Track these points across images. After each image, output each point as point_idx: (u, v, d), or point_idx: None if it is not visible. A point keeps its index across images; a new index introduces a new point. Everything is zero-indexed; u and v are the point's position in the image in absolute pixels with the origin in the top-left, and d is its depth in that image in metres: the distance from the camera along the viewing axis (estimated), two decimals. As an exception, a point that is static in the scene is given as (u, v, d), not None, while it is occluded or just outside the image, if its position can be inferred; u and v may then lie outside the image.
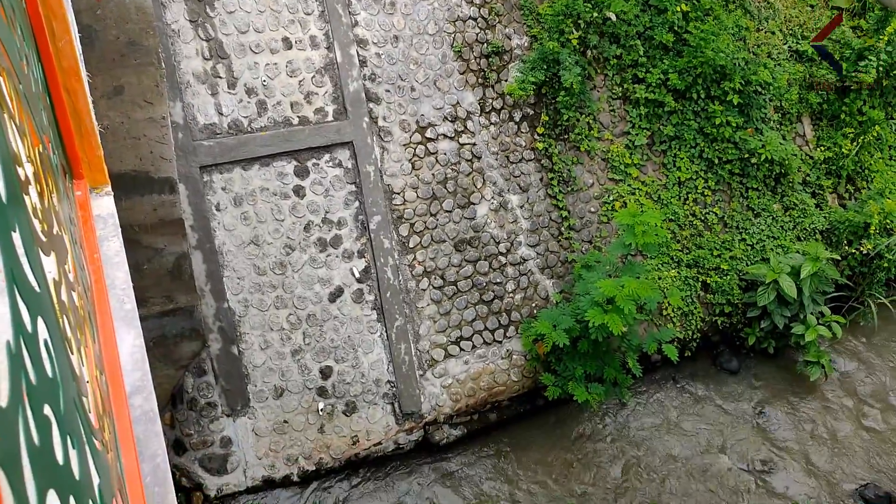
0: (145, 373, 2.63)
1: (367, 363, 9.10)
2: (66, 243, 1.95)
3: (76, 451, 1.37)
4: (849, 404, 10.17)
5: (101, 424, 1.92)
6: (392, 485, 9.00)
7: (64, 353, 1.48)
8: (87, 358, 1.85)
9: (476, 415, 9.77)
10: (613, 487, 9.08)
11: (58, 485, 1.14)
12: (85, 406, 1.65)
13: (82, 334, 1.89)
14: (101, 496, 1.61)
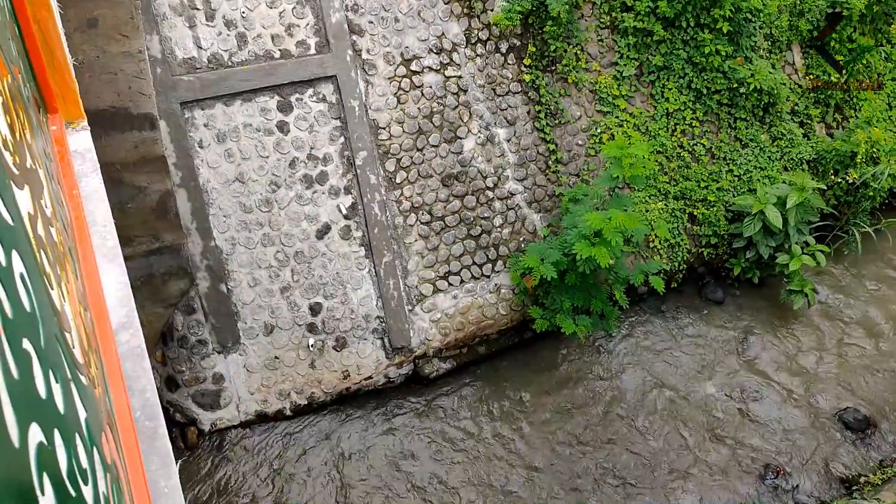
0: (131, 309, 2.62)
1: (356, 299, 9.14)
2: (41, 177, 1.91)
3: (60, 386, 1.36)
4: (831, 332, 10.36)
5: (87, 360, 1.92)
6: (383, 417, 9.16)
7: (43, 287, 1.46)
8: (68, 294, 1.84)
9: (465, 348, 9.89)
10: (600, 415, 9.28)
11: (40, 418, 1.14)
12: (68, 341, 1.64)
13: (63, 270, 1.86)
14: (89, 430, 1.61)
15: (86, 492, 1.38)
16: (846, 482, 8.51)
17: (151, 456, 2.37)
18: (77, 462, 1.36)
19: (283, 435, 8.79)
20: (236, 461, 8.49)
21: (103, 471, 1.66)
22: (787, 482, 8.54)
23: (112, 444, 1.94)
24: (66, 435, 1.30)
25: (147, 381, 2.50)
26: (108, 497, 1.63)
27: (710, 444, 8.96)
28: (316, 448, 8.72)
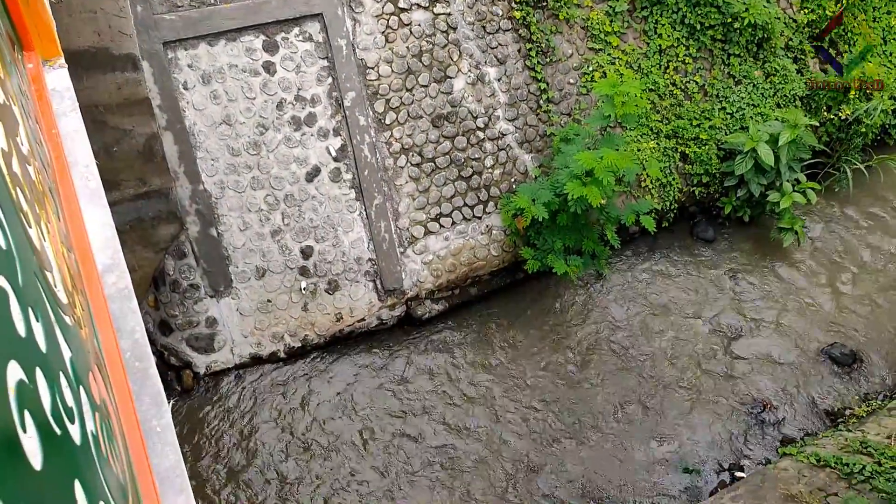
0: (116, 251, 2.59)
1: (348, 242, 9.12)
2: (15, 115, 1.86)
3: (41, 325, 1.34)
4: (820, 268, 10.44)
5: (72, 301, 1.90)
6: (377, 358, 9.25)
7: (19, 225, 1.43)
8: (49, 233, 1.81)
9: (457, 289, 9.93)
10: (591, 353, 9.39)
11: (20, 356, 1.12)
12: (49, 280, 1.62)
13: (42, 209, 1.83)
14: (75, 370, 1.60)
15: (72, 430, 1.37)
16: (832, 415, 8.69)
17: (143, 396, 2.38)
18: (62, 401, 1.35)
19: (277, 376, 8.88)
20: (232, 402, 8.60)
21: (91, 410, 1.66)
22: (774, 415, 8.71)
23: (101, 384, 1.94)
24: (49, 374, 1.29)
25: (136, 323, 2.49)
26: (96, 435, 1.63)
27: (699, 379, 9.10)
28: (310, 388, 8.82)
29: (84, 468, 1.40)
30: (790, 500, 7.19)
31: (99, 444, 1.63)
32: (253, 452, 8.21)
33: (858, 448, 7.50)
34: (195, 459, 8.07)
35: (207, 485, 7.92)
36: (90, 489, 1.38)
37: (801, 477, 7.47)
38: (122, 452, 2.01)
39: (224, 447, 8.23)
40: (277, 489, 7.94)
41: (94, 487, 1.43)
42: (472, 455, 8.38)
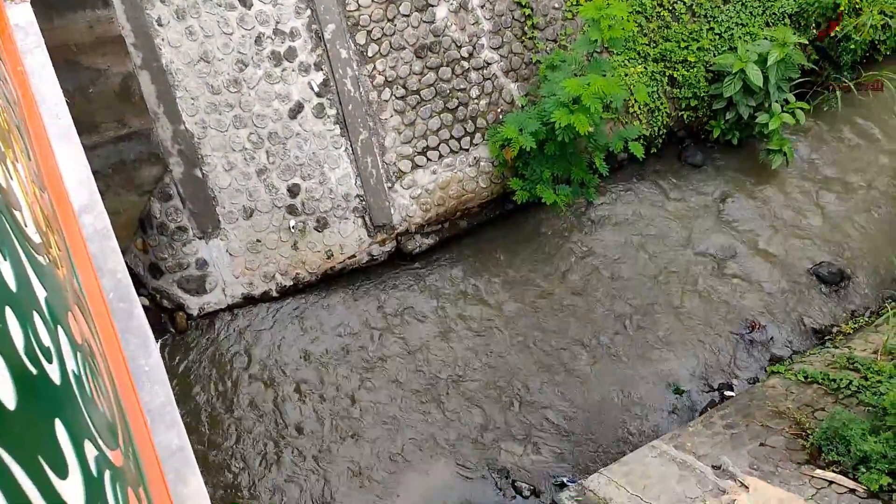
0: (93, 192, 2.53)
1: (335, 179, 9.03)
2: (-29, 51, 1.78)
3: (9, 263, 1.31)
4: (808, 189, 10.43)
5: (46, 240, 1.86)
6: (369, 293, 9.29)
7: (-20, 162, 1.38)
8: (16, 172, 1.75)
9: (447, 223, 9.91)
10: (583, 280, 9.46)
11: (-13, 293, 1.09)
12: (18, 219, 1.58)
13: (8, 147, 1.77)
14: (51, 310, 1.58)
15: (50, 369, 1.36)
16: (819, 333, 8.83)
17: (128, 336, 2.37)
18: (37, 340, 1.33)
19: (270, 315, 8.92)
20: (226, 342, 8.65)
21: (72, 349, 1.65)
22: (763, 335, 8.85)
23: (82, 324, 1.92)
24: (21, 313, 1.27)
25: (117, 262, 2.46)
26: (79, 375, 1.62)
27: (689, 302, 9.20)
28: (303, 325, 8.88)
29: (65, 407, 1.39)
30: (778, 416, 7.36)
31: (82, 384, 1.62)
32: (247, 389, 8.31)
33: (845, 364, 7.65)
34: (190, 398, 8.17)
35: (203, 421, 8.04)
36: (73, 427, 1.37)
37: (789, 394, 7.64)
38: (110, 391, 2.01)
39: (219, 385, 8.33)
40: (272, 421, 8.08)
41: (78, 426, 1.43)
42: (469, 378, 8.51)
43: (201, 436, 7.88)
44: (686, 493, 6.80)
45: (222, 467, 7.77)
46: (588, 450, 8.11)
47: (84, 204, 2.47)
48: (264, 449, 7.91)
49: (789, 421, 7.21)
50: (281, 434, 8.02)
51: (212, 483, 7.56)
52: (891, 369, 7.17)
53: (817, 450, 6.67)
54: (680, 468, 7.13)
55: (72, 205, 2.45)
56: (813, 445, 6.71)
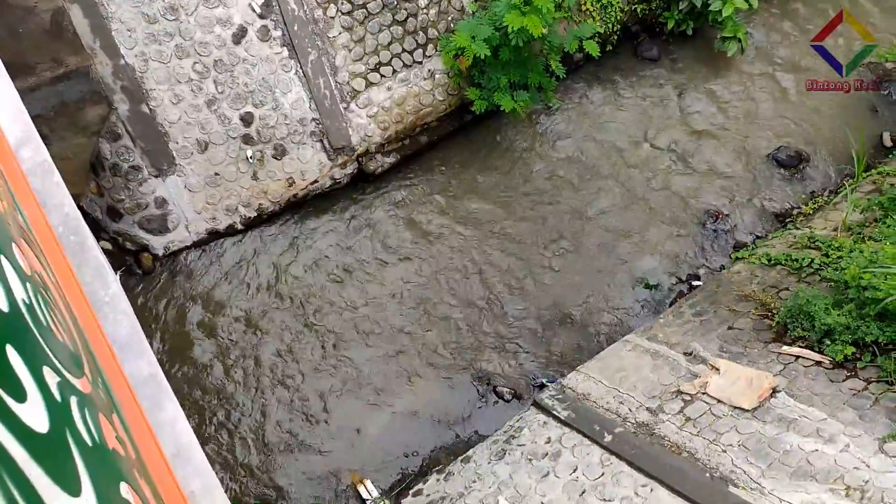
0: (27, 124, 2.43)
1: (288, 104, 8.81)
2: None
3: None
4: (763, 75, 10.41)
5: (-20, 174, 1.79)
6: (336, 218, 9.22)
7: None
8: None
9: (407, 140, 9.77)
10: (546, 185, 9.46)
11: None
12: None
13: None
14: (-8, 239, 1.53)
15: (-6, 296, 1.32)
16: (780, 216, 9.00)
17: (84, 268, 2.32)
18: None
19: (237, 247, 8.85)
20: (195, 279, 8.60)
21: (21, 280, 1.60)
22: (726, 224, 9.00)
23: (31, 257, 1.87)
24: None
25: (63, 196, 2.38)
26: (30, 304, 1.58)
27: (652, 197, 9.28)
28: (271, 253, 8.83)
29: (16, 334, 1.36)
30: (744, 300, 7.57)
31: (35, 313, 1.59)
32: (221, 321, 8.31)
33: (806, 244, 7.83)
34: (163, 336, 8.15)
35: (177, 357, 8.05)
36: (27, 354, 1.35)
37: (754, 277, 7.84)
38: (69, 322, 1.98)
39: (191, 320, 8.31)
40: (247, 349, 8.13)
41: (33, 353, 1.40)
42: (441, 292, 8.59)
43: (177, 372, 7.90)
44: (660, 380, 7.04)
45: (202, 400, 7.84)
46: (564, 350, 8.31)
47: (19, 138, 2.37)
48: (244, 378, 7.98)
49: (755, 303, 7.42)
50: (258, 362, 8.08)
51: (194, 416, 7.64)
52: (850, 244, 7.37)
53: (783, 328, 6.90)
54: (653, 358, 7.36)
55: (7, 140, 2.35)
56: (779, 324, 6.94)
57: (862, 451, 5.53)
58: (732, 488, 5.68)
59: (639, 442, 6.46)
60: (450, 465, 7.29)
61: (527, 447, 6.96)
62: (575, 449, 6.70)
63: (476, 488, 6.78)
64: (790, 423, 6.00)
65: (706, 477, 5.87)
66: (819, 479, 5.47)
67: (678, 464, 6.09)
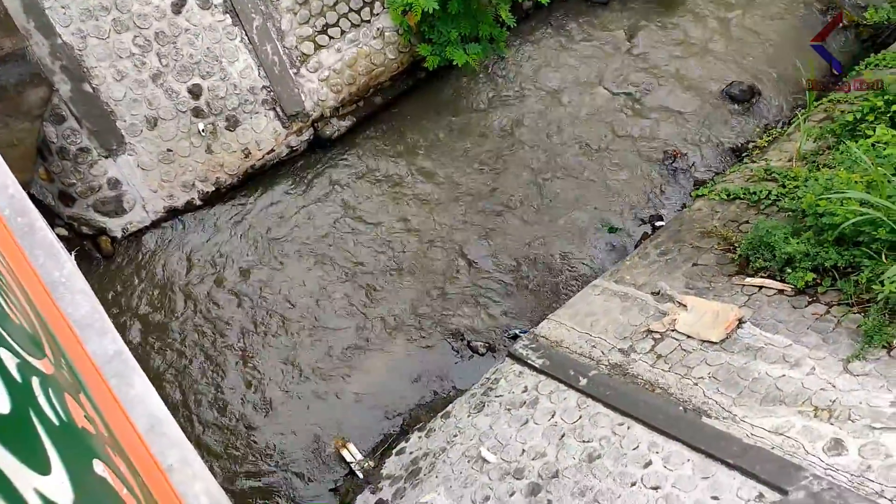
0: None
1: (236, 73, 8.61)
2: None
3: None
4: (713, 13, 10.41)
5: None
6: (297, 184, 9.10)
7: None
8: None
9: (361, 102, 9.64)
10: (504, 138, 9.43)
11: None
12: None
13: None
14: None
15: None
16: (737, 151, 9.10)
17: (35, 250, 2.25)
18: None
19: (198, 223, 8.72)
20: (157, 259, 8.46)
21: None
22: (685, 163, 9.08)
23: (-24, 240, 1.81)
24: None
25: (5, 177, 2.30)
26: (-20, 286, 1.53)
27: (610, 142, 9.30)
28: (233, 225, 8.72)
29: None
30: (707, 236, 7.67)
31: (-14, 295, 1.54)
32: (186, 297, 8.21)
33: (763, 176, 7.94)
34: (130, 317, 8.04)
35: (145, 337, 7.95)
36: (-19, 334, 1.31)
37: (715, 213, 7.94)
38: (25, 305, 1.92)
39: (156, 300, 8.20)
40: (216, 324, 8.06)
41: (-14, 333, 1.36)
42: (408, 251, 8.58)
43: (147, 350, 7.81)
44: (630, 321, 7.14)
45: (173, 376, 7.78)
46: (535, 301, 8.37)
47: (-48, 120, 2.27)
48: (216, 353, 7.93)
49: (717, 238, 7.53)
50: (225, 336, 8.02)
51: (165, 391, 7.59)
52: (805, 174, 7.48)
53: (745, 260, 7.02)
54: (622, 300, 7.46)
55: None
56: (741, 257, 7.06)
57: (827, 372, 5.70)
58: (706, 419, 5.83)
59: (613, 383, 6.57)
60: (430, 421, 7.35)
61: (505, 397, 7.05)
62: (552, 395, 6.80)
63: (458, 442, 6.87)
64: (757, 352, 6.14)
65: (680, 410, 6.01)
66: (788, 402, 5.63)
67: (652, 400, 6.22)
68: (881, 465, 4.87)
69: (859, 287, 6.06)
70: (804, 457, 5.19)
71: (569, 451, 6.16)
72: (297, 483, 7.29)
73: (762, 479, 5.19)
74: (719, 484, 5.30)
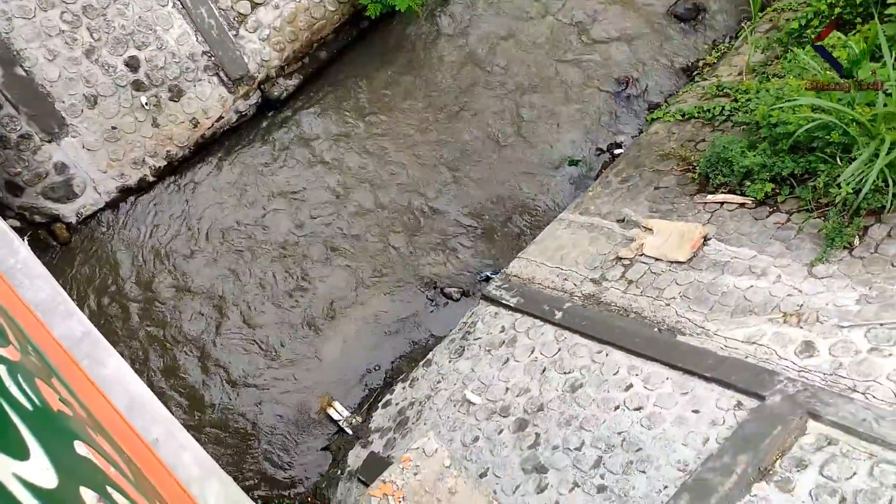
0: None
1: (173, 40, 8.32)
2: None
3: None
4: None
5: None
6: (251, 149, 8.93)
7: None
8: None
9: (306, 58, 9.41)
10: (455, 80, 9.31)
11: None
12: None
13: None
14: None
15: None
16: (687, 70, 9.09)
17: (-15, 239, 2.17)
18: None
19: (154, 199, 8.54)
20: (116, 239, 8.29)
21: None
22: (637, 88, 9.06)
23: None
24: None
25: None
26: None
27: (562, 73, 9.23)
28: (190, 197, 8.55)
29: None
30: (665, 158, 7.72)
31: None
32: (147, 276, 8.08)
33: (716, 93, 7.97)
34: (94, 302, 7.90)
35: (112, 320, 7.84)
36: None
37: (671, 135, 7.98)
38: (-19, 294, 1.86)
39: (118, 282, 8.06)
40: (186, 298, 7.98)
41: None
42: (372, 205, 8.51)
43: (116, 332, 7.71)
44: (599, 251, 7.21)
45: (143, 354, 7.70)
46: (504, 241, 8.39)
47: None
48: (193, 323, 7.86)
49: (676, 160, 7.58)
50: (199, 309, 7.94)
51: (147, 374, 7.53)
52: (756, 86, 7.52)
53: (705, 178, 7.09)
54: (589, 231, 7.52)
55: None
56: (700, 175, 7.12)
57: (793, 278, 5.83)
58: (680, 337, 5.96)
59: (588, 313, 6.67)
60: (413, 371, 7.41)
61: (483, 339, 7.12)
62: (529, 332, 6.88)
63: (442, 388, 6.94)
64: (724, 266, 6.26)
65: (655, 332, 6.13)
66: (757, 312, 5.77)
67: (628, 325, 6.33)
68: (852, 362, 5.03)
69: (817, 192, 6.16)
70: (777, 362, 5.34)
71: (551, 384, 6.26)
72: (290, 448, 7.34)
73: (739, 387, 5.34)
74: (698, 397, 5.45)
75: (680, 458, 5.13)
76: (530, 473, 5.73)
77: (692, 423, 5.29)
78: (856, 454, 4.52)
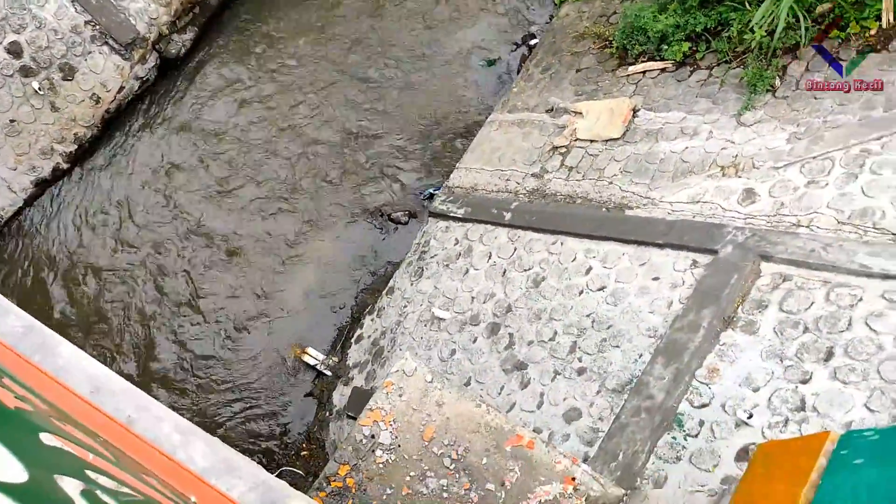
0: None
1: (51, 16, 7.80)
2: None
3: None
4: None
5: None
6: (161, 115, 8.56)
7: None
8: None
9: (196, 7, 8.94)
10: (358, 2, 9.00)
11: None
12: None
13: None
14: None
15: None
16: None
17: None
18: None
19: (73, 186, 8.18)
20: (42, 233, 7.97)
21: None
22: None
23: None
24: None
25: None
26: None
27: None
28: (111, 176, 8.23)
29: None
30: (581, 39, 7.64)
31: None
32: (78, 261, 7.84)
33: (618, -37, 7.84)
34: (33, 301, 7.65)
35: (57, 312, 7.63)
36: None
37: (582, 14, 7.88)
38: None
39: (54, 275, 7.79)
40: (128, 280, 7.79)
41: None
42: (297, 147, 8.32)
43: (63, 322, 7.51)
44: (534, 145, 7.20)
45: (95, 338, 7.55)
46: (439, 155, 8.30)
47: None
48: (147, 302, 7.69)
49: (592, 38, 7.51)
50: (144, 290, 7.76)
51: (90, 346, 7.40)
52: (657, -53, 7.42)
53: (623, 51, 7.06)
54: (520, 127, 7.47)
55: None
56: (618, 49, 7.08)
57: (723, 131, 5.92)
58: (628, 212, 6.04)
59: (535, 207, 6.70)
60: (377, 302, 7.42)
61: (440, 255, 7.12)
62: (482, 238, 6.90)
63: (409, 311, 6.97)
64: (657, 134, 6.31)
65: (603, 212, 6.20)
66: (696, 171, 5.87)
67: (576, 211, 6.39)
68: (792, 199, 5.18)
69: (733, 42, 6.19)
70: (723, 215, 5.47)
71: (514, 284, 6.33)
72: (274, 403, 7.34)
73: (692, 247, 5.47)
74: (656, 265, 5.57)
75: (649, 326, 5.28)
76: (511, 372, 5.85)
77: (654, 291, 5.42)
78: (810, 284, 4.70)
